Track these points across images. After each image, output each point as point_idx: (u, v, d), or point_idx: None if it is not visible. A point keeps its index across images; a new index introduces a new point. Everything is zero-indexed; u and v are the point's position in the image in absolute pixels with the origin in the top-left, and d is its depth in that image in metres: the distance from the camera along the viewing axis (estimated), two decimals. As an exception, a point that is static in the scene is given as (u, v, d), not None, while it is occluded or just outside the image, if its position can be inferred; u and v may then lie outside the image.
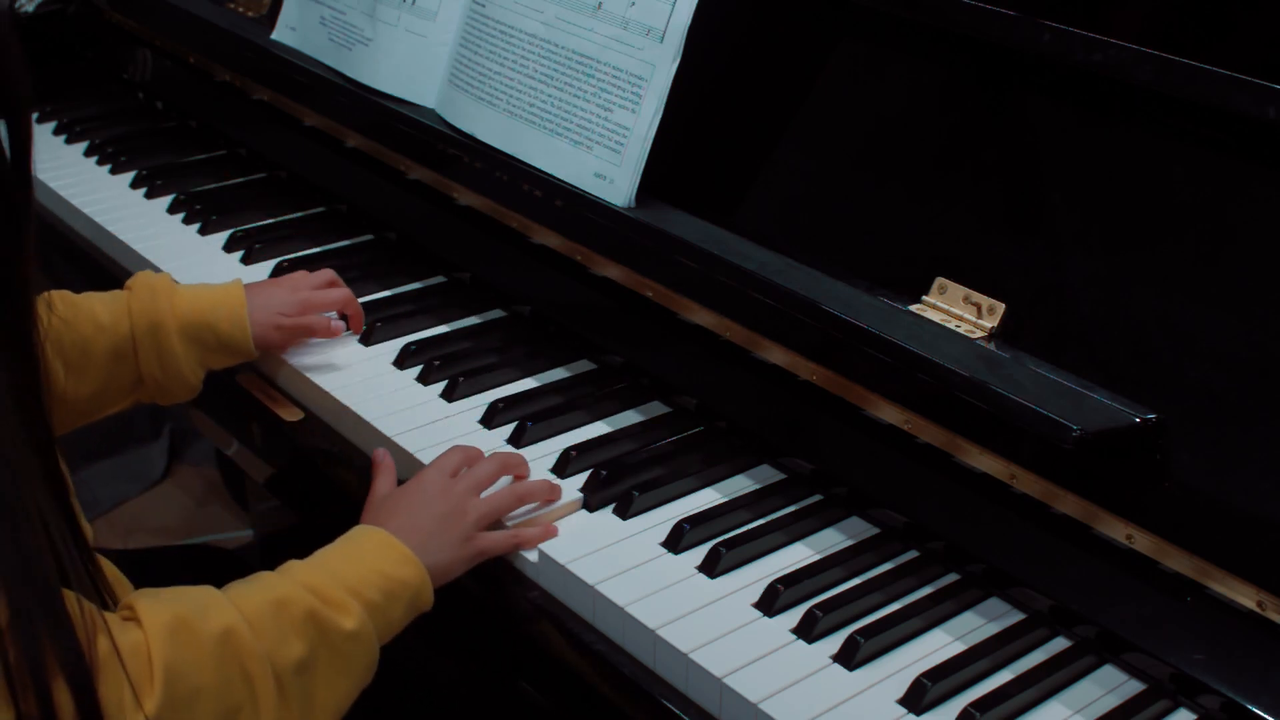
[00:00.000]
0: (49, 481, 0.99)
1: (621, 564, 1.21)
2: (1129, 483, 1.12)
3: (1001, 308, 1.23)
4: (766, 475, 1.35)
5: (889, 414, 1.23)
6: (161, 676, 0.98)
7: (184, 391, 1.44)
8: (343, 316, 1.56)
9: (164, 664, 0.99)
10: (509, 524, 1.26)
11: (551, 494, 1.29)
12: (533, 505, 1.28)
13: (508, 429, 1.39)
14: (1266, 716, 1.03)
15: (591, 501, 1.30)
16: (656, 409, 1.45)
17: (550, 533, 1.25)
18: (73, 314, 1.37)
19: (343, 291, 1.55)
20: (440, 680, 1.63)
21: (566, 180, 1.45)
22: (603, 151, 1.42)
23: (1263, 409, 1.10)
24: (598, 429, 1.41)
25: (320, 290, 1.53)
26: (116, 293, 1.43)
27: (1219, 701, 1.06)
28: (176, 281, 1.47)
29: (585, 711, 1.20)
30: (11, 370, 0.96)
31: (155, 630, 1.00)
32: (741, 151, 1.46)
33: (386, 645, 1.15)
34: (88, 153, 2.01)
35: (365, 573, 1.13)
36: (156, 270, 1.69)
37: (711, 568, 1.21)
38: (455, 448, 1.30)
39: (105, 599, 1.02)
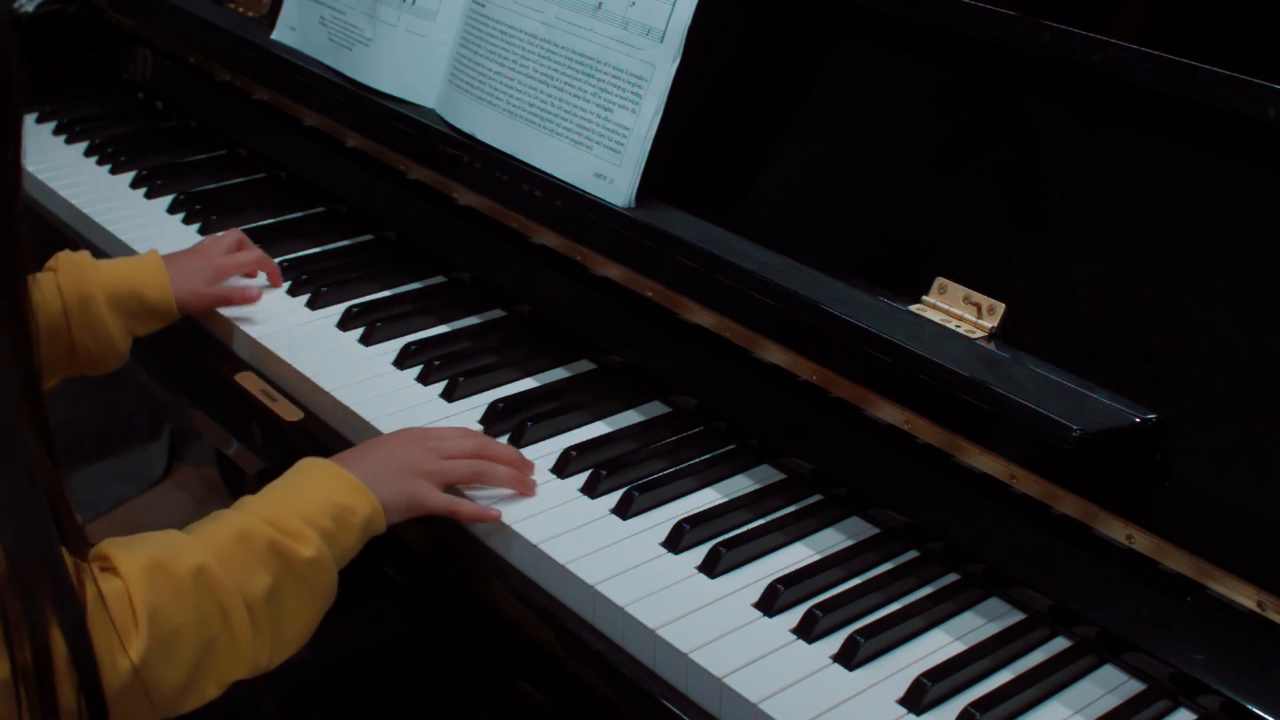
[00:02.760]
0: (40, 434, 1.04)
1: (621, 564, 1.21)
2: (1129, 483, 1.12)
3: (1001, 308, 1.23)
4: (766, 475, 1.35)
5: (889, 414, 1.23)
6: (145, 619, 1.04)
7: (114, 359, 1.51)
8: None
9: (146, 607, 1.04)
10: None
11: (522, 486, 1.30)
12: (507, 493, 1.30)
13: (508, 429, 1.39)
14: (1266, 716, 1.03)
15: (592, 500, 1.30)
16: (656, 409, 1.45)
17: (488, 514, 1.27)
18: None
19: (253, 253, 1.64)
20: (441, 680, 1.63)
21: (566, 180, 1.45)
22: (603, 151, 1.42)
23: (1262, 409, 1.09)
24: (598, 429, 1.41)
25: (232, 255, 1.62)
26: (40, 274, 1.48)
27: (1219, 701, 1.06)
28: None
29: (585, 711, 1.20)
30: (9, 326, 1.00)
31: (133, 575, 1.05)
32: (741, 151, 1.46)
33: (386, 648, 1.16)
34: (88, 153, 2.00)
35: (317, 501, 1.18)
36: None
37: (711, 568, 1.21)
38: (452, 427, 1.35)
39: (85, 549, 1.06)
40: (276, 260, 1.71)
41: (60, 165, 1.97)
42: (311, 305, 1.62)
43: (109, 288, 1.48)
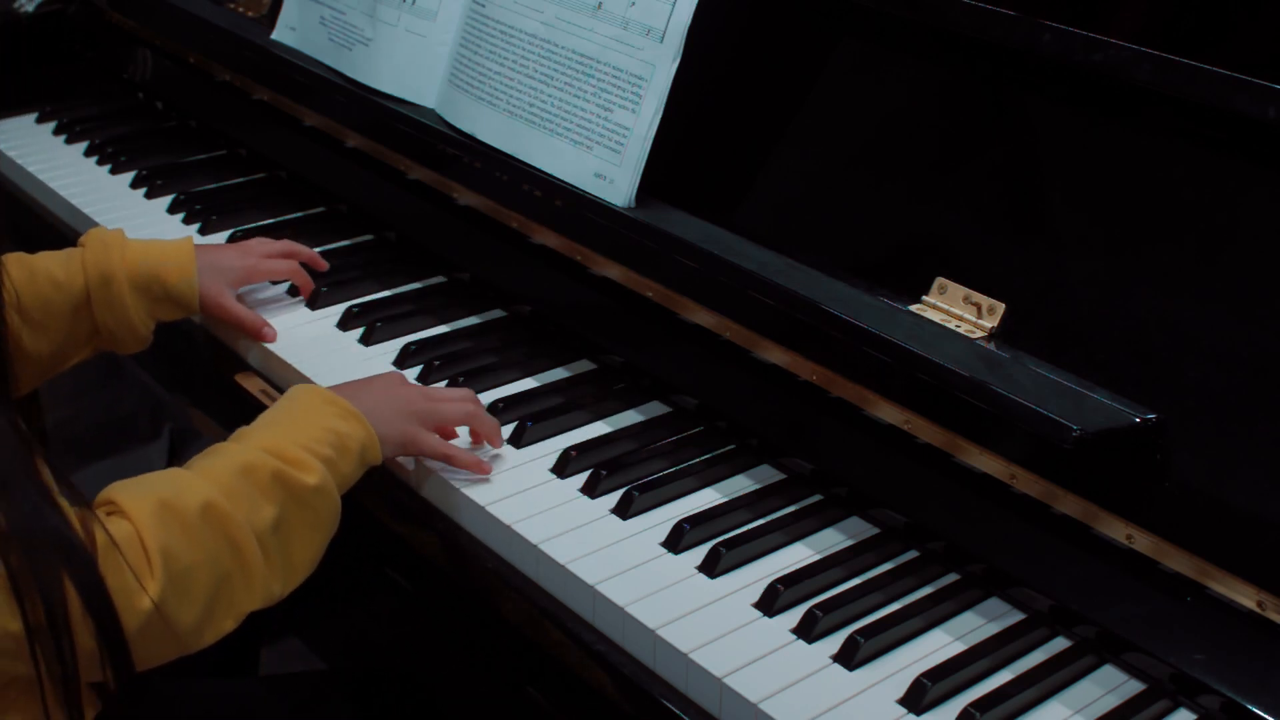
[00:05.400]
0: (8, 403, 1.04)
1: (621, 564, 1.21)
2: (1129, 483, 1.12)
3: (1001, 308, 1.23)
4: (766, 475, 1.35)
5: (889, 414, 1.23)
6: (159, 559, 1.05)
7: (135, 342, 1.49)
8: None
9: (158, 546, 1.05)
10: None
11: (495, 440, 1.35)
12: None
13: (508, 429, 1.39)
14: (1266, 716, 1.03)
15: (592, 500, 1.30)
16: (656, 409, 1.45)
17: (482, 466, 1.31)
18: (29, 275, 1.42)
19: (289, 264, 1.60)
20: (443, 682, 1.63)
21: (566, 180, 1.45)
22: (603, 151, 1.42)
23: (1263, 409, 1.10)
24: (598, 429, 1.41)
25: (268, 259, 1.59)
26: (71, 250, 1.48)
27: (1219, 701, 1.06)
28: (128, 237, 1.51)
29: (585, 712, 1.20)
30: None
31: (142, 517, 1.06)
32: (741, 151, 1.46)
33: (391, 654, 1.16)
34: (88, 153, 2.00)
35: (315, 430, 1.19)
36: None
37: (711, 568, 1.21)
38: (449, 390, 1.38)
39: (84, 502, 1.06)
40: (276, 260, 1.71)
41: (60, 165, 1.97)
42: (311, 305, 1.62)
43: (132, 268, 1.46)
